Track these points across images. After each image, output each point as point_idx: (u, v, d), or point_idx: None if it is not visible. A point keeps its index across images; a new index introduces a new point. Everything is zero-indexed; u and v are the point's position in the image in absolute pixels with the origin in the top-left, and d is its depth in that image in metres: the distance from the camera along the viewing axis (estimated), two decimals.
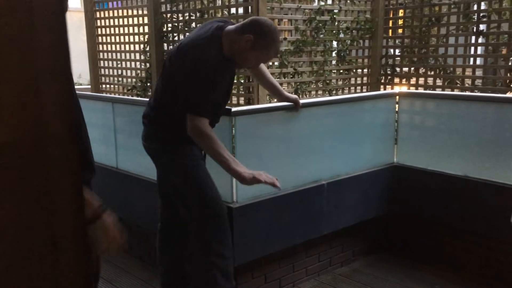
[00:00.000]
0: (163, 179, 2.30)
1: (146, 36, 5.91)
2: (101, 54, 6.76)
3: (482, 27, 4.30)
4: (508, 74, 4.29)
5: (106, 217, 1.28)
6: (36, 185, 0.59)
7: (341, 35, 4.95)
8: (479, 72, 4.62)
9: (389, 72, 5.08)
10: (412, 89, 4.74)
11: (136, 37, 6.13)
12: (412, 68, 4.93)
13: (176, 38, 5.60)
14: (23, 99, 0.58)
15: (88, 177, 1.38)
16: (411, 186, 3.05)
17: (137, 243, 3.17)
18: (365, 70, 5.30)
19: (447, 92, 4.37)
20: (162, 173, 2.30)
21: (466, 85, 4.66)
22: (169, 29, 5.64)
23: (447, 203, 2.87)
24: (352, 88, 5.29)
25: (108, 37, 6.62)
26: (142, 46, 6.02)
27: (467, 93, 4.22)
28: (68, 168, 0.61)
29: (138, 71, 6.23)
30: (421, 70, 4.88)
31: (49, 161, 0.59)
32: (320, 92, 4.93)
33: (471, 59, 4.64)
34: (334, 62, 5.04)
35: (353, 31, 4.98)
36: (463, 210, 2.80)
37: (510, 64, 4.31)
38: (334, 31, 4.85)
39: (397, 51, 5.12)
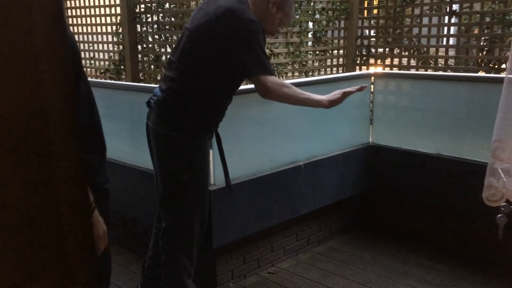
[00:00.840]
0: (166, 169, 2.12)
1: (119, 17, 5.77)
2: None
3: (455, 7, 4.35)
4: (480, 54, 4.37)
5: (97, 214, 1.28)
6: (36, 156, 0.59)
7: (317, 16, 4.94)
8: (452, 52, 4.69)
9: (364, 53, 5.11)
10: (387, 70, 4.79)
11: (108, 18, 5.98)
12: (387, 49, 4.97)
13: (149, 19, 5.48)
14: (23, 74, 0.58)
15: (100, 159, 1.39)
16: (386, 165, 3.10)
17: (114, 228, 3.15)
18: (341, 51, 5.32)
19: (421, 72, 4.43)
20: (163, 162, 2.12)
21: (439, 65, 4.73)
22: (142, 10, 5.51)
23: (421, 181, 2.94)
24: (328, 69, 5.31)
25: (79, 19, 6.44)
26: (114, 27, 5.87)
27: (440, 73, 4.29)
28: (67, 138, 0.61)
29: (111, 54, 6.09)
30: (396, 51, 4.93)
31: (49, 134, 0.59)
32: (296, 73, 4.94)
33: (444, 39, 4.71)
34: (310, 43, 5.04)
35: (329, 11, 4.97)
36: (436, 188, 2.87)
37: (482, 43, 4.39)
38: (309, 12, 4.83)
39: (372, 31, 5.15)
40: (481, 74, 4.10)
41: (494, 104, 1.07)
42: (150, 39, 5.52)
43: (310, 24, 4.98)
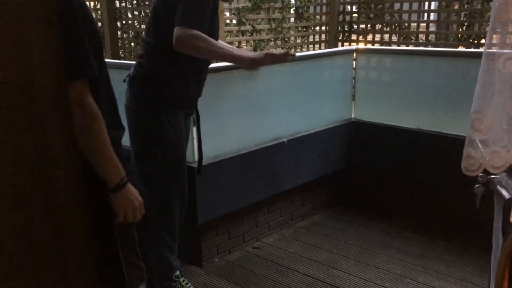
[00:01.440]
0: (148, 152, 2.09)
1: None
2: None
3: None
4: (460, 29, 4.41)
5: (130, 186, 1.32)
6: (26, 124, 0.60)
7: None
8: (432, 28, 4.72)
9: (346, 29, 5.10)
10: (369, 46, 4.80)
11: None
12: (369, 25, 4.97)
13: None
14: (13, 46, 0.59)
15: (120, 135, 1.41)
16: (368, 140, 3.15)
17: None
18: (323, 28, 5.31)
19: (402, 47, 4.46)
20: (136, 139, 2.09)
21: (421, 40, 4.77)
22: None
23: (402, 156, 2.99)
24: (311, 45, 5.30)
25: None
26: (92, 3, 5.72)
27: (421, 48, 4.33)
28: (56, 108, 0.61)
29: None
30: (378, 27, 4.94)
31: (38, 104, 0.60)
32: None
33: (425, 14, 4.73)
34: (292, 19, 5.01)
35: None
36: (417, 162, 2.93)
37: (462, 19, 4.43)
38: None
39: (354, 7, 5.13)
40: (461, 49, 4.15)
41: (474, 79, 1.10)
42: (129, 15, 5.41)
43: (292, 0, 4.94)
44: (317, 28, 5.29)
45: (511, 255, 0.95)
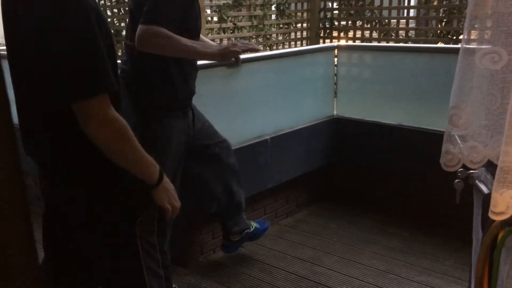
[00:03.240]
0: None
1: None
2: None
3: None
4: (439, 25, 4.46)
5: (167, 180, 1.31)
6: None
7: None
8: (412, 24, 4.76)
9: (327, 26, 5.12)
10: (350, 42, 4.82)
11: None
12: (350, 21, 5.00)
13: None
14: None
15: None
16: (350, 137, 3.16)
17: None
18: (304, 24, 5.31)
19: (383, 44, 4.49)
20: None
21: (401, 36, 4.81)
22: None
23: (384, 152, 3.01)
24: (292, 42, 5.30)
25: None
26: None
27: (401, 44, 4.36)
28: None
29: None
30: (358, 23, 4.97)
31: None
32: (260, 47, 4.90)
33: (405, 10, 4.77)
34: (273, 16, 5.00)
35: None
36: (398, 157, 2.95)
37: (441, 15, 4.48)
38: None
39: (335, 4, 5.15)
40: (440, 45, 4.19)
41: (453, 74, 1.10)
42: (108, 13, 5.33)
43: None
44: (299, 25, 5.29)
45: (491, 249, 0.96)
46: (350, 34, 5.08)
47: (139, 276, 1.31)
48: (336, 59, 3.23)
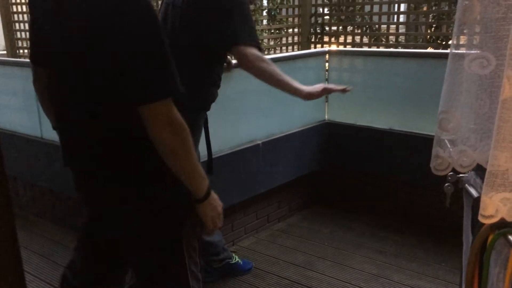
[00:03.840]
0: None
1: None
2: (15, 15, 6.23)
3: None
4: (429, 31, 4.50)
5: (213, 192, 1.32)
6: None
7: None
8: (402, 29, 4.81)
9: (318, 31, 5.15)
10: (341, 47, 4.85)
11: None
12: (340, 27, 5.03)
13: None
14: None
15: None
16: (342, 141, 3.18)
17: (70, 214, 3.07)
18: (296, 29, 5.34)
19: (373, 49, 4.52)
20: None
21: (391, 42, 4.85)
22: None
23: (375, 156, 3.03)
24: (284, 47, 5.32)
25: None
26: None
27: (391, 49, 4.40)
28: None
29: None
30: (349, 29, 5.00)
31: None
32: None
33: (395, 16, 4.81)
34: (265, 21, 5.02)
35: None
36: (389, 162, 2.97)
37: (430, 20, 4.52)
38: None
39: (325, 9, 5.18)
40: (430, 50, 4.24)
41: (443, 79, 1.11)
42: None
43: (265, 2, 4.96)
44: (290, 30, 5.32)
45: (481, 252, 0.97)
46: (341, 39, 5.11)
47: (184, 278, 1.34)
48: (327, 64, 3.25)
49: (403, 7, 4.78)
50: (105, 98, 1.19)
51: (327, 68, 3.25)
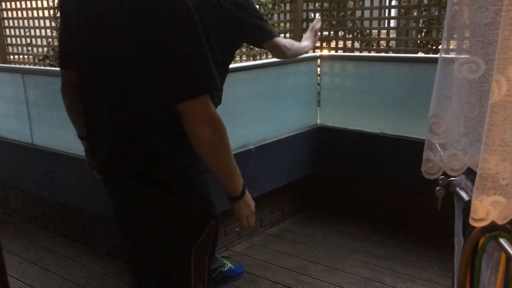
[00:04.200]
0: None
1: (56, 0, 5.49)
2: (5, 21, 6.19)
3: None
4: (419, 35, 4.54)
5: (249, 196, 1.33)
6: None
7: None
8: (393, 34, 4.84)
9: None
10: (332, 52, 4.87)
11: (45, 1, 5.68)
12: (332, 32, 5.05)
13: None
14: None
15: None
16: (334, 145, 3.18)
17: (60, 220, 3.05)
18: (288, 35, 5.35)
19: (365, 54, 4.55)
20: None
21: (382, 46, 4.88)
22: None
23: (367, 160, 3.04)
24: None
25: (13, 2, 6.07)
26: (52, 11, 5.58)
27: (382, 54, 4.43)
28: None
29: (50, 40, 5.80)
30: (340, 33, 5.02)
31: None
32: (244, 57, 4.92)
33: (386, 21, 4.85)
34: None
35: None
36: (381, 165, 2.98)
37: (420, 25, 4.56)
38: None
39: (317, 14, 5.21)
40: (420, 55, 4.27)
41: (433, 83, 1.12)
42: None
43: (257, 7, 4.97)
44: (282, 35, 5.33)
45: (472, 255, 0.98)
46: (333, 44, 5.14)
47: None
48: (319, 68, 3.26)
49: (393, 12, 4.81)
50: (143, 98, 1.19)
51: (319, 72, 3.26)
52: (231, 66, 2.69)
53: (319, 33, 2.34)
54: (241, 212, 1.31)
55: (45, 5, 5.65)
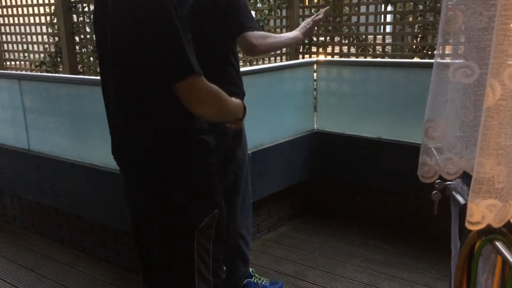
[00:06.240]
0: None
1: (53, 7, 5.50)
2: (2, 27, 6.20)
3: None
4: (415, 41, 4.57)
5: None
6: None
7: (259, 5, 4.95)
8: (388, 40, 4.87)
9: (306, 42, 5.19)
10: (329, 57, 4.89)
11: (42, 8, 5.69)
12: (328, 37, 5.08)
13: (86, 9, 5.27)
14: None
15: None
16: (331, 150, 3.19)
17: (57, 226, 3.03)
18: None
19: (361, 59, 4.57)
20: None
21: (377, 52, 4.90)
22: None
23: (364, 164, 3.05)
24: (272, 58, 5.35)
25: (10, 9, 6.08)
26: (48, 18, 5.59)
27: (378, 59, 4.45)
28: None
29: (46, 46, 5.80)
30: (336, 39, 5.05)
31: None
32: (240, 62, 4.93)
33: (381, 26, 4.88)
34: None
35: (271, 0, 5.00)
36: (378, 170, 2.98)
37: (416, 30, 4.59)
38: (251, 1, 4.84)
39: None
40: (416, 60, 4.29)
41: (428, 88, 1.13)
42: (87, 29, 5.31)
43: (253, 13, 4.99)
44: None
45: (468, 259, 0.98)
46: (329, 49, 5.16)
47: (190, 278, 1.38)
48: (315, 74, 3.27)
49: (389, 17, 4.85)
50: (146, 91, 1.30)
51: (315, 78, 3.27)
52: None
53: (313, 27, 2.26)
54: (240, 125, 1.58)
55: (41, 11, 5.65)
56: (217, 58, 2.01)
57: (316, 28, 2.34)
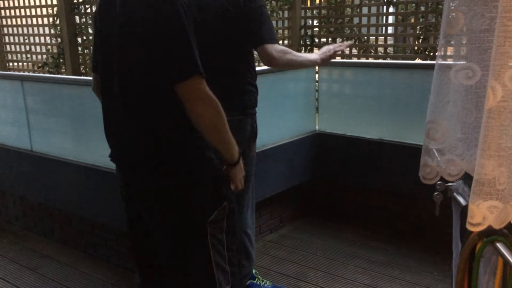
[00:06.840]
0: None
1: (55, 8, 5.51)
2: (5, 29, 6.22)
3: None
4: (416, 42, 4.57)
5: (241, 160, 1.49)
6: None
7: None
8: (390, 41, 4.87)
9: (308, 43, 5.19)
10: None
11: (44, 9, 5.71)
12: (330, 39, 5.08)
13: (88, 10, 5.28)
14: None
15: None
16: (332, 151, 3.19)
17: (59, 227, 3.04)
18: (286, 41, 5.38)
19: (362, 60, 4.57)
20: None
21: (379, 53, 4.91)
22: (80, 0, 5.30)
23: (365, 166, 3.04)
24: None
25: (13, 10, 6.10)
26: (51, 19, 5.61)
27: (380, 60, 4.45)
28: None
29: (49, 47, 5.82)
30: (338, 40, 5.05)
31: None
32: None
33: (383, 28, 4.88)
34: None
35: (273, 2, 5.00)
36: (379, 171, 2.98)
37: (418, 32, 4.59)
38: None
39: (315, 21, 5.24)
40: (418, 61, 4.29)
41: (430, 89, 1.13)
42: (90, 30, 5.33)
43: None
44: (280, 42, 5.36)
45: (470, 260, 0.98)
46: None
47: (208, 270, 1.42)
48: (317, 75, 3.27)
49: (391, 19, 4.85)
50: (147, 84, 1.32)
51: (317, 79, 3.28)
52: None
53: (334, 55, 2.21)
54: (236, 176, 1.47)
55: (44, 12, 5.67)
56: (239, 59, 2.05)
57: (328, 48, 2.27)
